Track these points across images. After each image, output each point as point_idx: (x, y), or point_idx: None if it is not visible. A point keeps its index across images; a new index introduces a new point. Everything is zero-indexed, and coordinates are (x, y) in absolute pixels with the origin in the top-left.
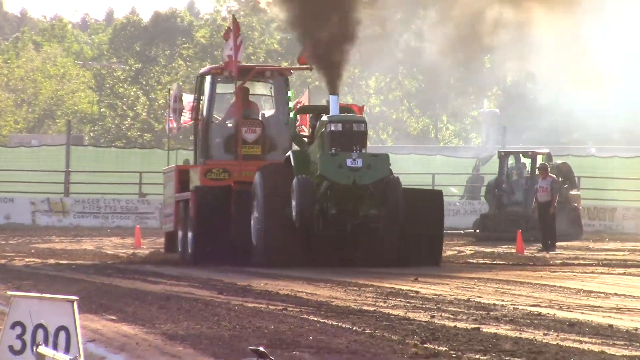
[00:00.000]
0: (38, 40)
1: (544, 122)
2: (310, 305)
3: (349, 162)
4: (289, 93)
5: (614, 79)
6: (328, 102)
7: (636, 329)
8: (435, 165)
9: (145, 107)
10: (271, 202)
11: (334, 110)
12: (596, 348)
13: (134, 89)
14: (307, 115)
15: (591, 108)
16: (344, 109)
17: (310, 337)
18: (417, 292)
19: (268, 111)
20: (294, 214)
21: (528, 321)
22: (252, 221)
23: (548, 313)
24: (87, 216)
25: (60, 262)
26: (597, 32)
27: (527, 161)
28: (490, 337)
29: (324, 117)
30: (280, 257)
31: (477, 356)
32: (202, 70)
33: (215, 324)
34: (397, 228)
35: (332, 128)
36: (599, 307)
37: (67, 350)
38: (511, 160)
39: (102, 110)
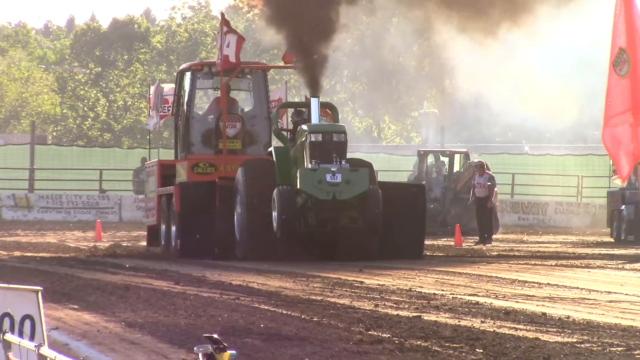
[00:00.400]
0: (3, 46)
1: (480, 122)
2: (261, 295)
3: (328, 177)
4: (268, 88)
5: (547, 85)
6: (307, 98)
7: (568, 317)
8: (379, 162)
9: (105, 108)
10: (253, 198)
11: (314, 116)
12: (530, 335)
13: (94, 92)
14: (287, 110)
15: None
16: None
17: (262, 325)
18: (361, 282)
19: (247, 106)
20: (274, 224)
21: (466, 309)
22: (235, 216)
23: (485, 302)
24: (51, 211)
25: (25, 254)
26: (528, 42)
27: (445, 160)
28: (431, 325)
29: (304, 126)
30: (262, 252)
31: (418, 342)
32: (182, 66)
33: (172, 313)
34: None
35: (312, 139)
36: (532, 296)
37: (32, 337)
38: (431, 159)
39: (64, 111)
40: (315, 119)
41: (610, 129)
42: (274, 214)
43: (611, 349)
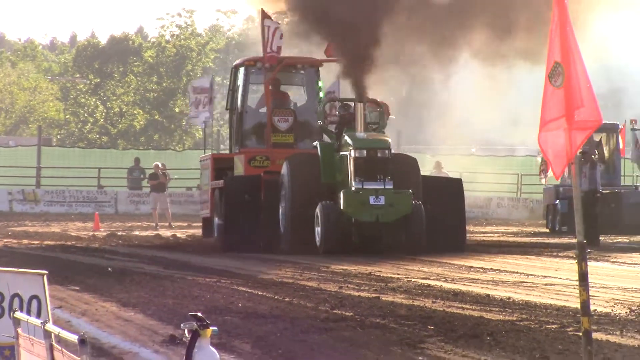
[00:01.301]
0: (13, 59)
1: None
2: (239, 278)
3: (372, 200)
4: (320, 83)
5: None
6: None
7: (509, 298)
8: None
9: (103, 114)
10: (298, 192)
11: (358, 124)
12: (476, 314)
13: (94, 100)
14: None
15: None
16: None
17: (240, 304)
18: (327, 267)
19: (300, 101)
20: (317, 238)
21: (419, 291)
22: (280, 210)
23: (436, 284)
24: (55, 204)
25: (33, 242)
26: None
27: None
28: (388, 305)
29: (348, 138)
30: (306, 246)
31: (377, 320)
32: (236, 62)
33: (161, 294)
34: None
35: (357, 154)
36: (478, 279)
37: (38, 315)
38: None
39: (67, 117)
40: (360, 127)
41: (545, 133)
42: (317, 229)
43: (547, 326)
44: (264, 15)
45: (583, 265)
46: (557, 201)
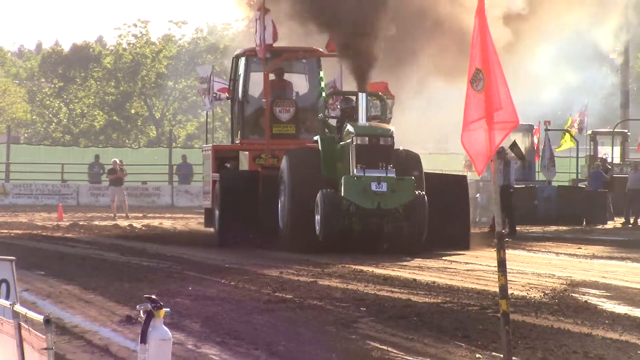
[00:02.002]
0: None
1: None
2: (190, 264)
3: (373, 186)
4: (321, 73)
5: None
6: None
7: (434, 282)
8: None
9: (66, 115)
10: (298, 188)
11: (361, 114)
12: (404, 297)
13: (58, 102)
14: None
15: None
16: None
17: (190, 288)
18: (269, 254)
19: (302, 90)
20: (317, 227)
21: (353, 276)
22: (279, 205)
23: (368, 270)
24: (23, 197)
25: (2, 231)
26: None
27: None
28: (325, 288)
29: (350, 127)
30: (306, 243)
31: (314, 302)
32: (237, 52)
33: (119, 278)
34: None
35: (358, 141)
36: (406, 265)
37: (7, 297)
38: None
39: (33, 117)
40: (362, 117)
41: (468, 133)
42: (317, 217)
43: (468, 308)
44: (261, 7)
45: (502, 253)
46: (478, 195)
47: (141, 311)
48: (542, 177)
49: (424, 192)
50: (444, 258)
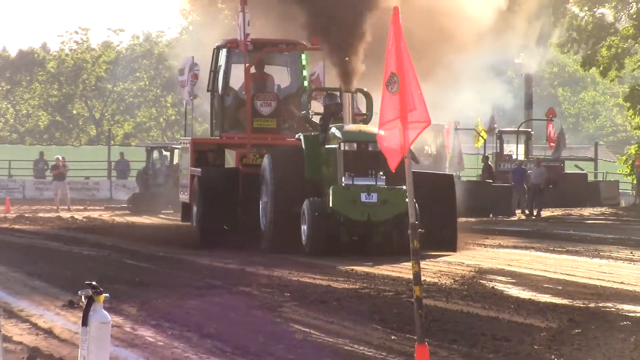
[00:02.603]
0: None
1: None
2: (127, 252)
3: (363, 197)
4: (304, 63)
5: None
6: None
7: (352, 270)
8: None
9: (13, 115)
10: (281, 190)
11: (346, 116)
12: (324, 283)
13: (5, 103)
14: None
15: None
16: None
17: (127, 275)
18: (202, 245)
19: (284, 82)
20: (303, 237)
21: (278, 264)
22: (260, 206)
23: (292, 257)
24: None
25: None
26: None
27: (167, 154)
28: (251, 275)
29: (336, 131)
30: (290, 244)
31: (242, 288)
32: (218, 43)
33: (62, 266)
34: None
35: (346, 147)
36: (325, 253)
37: None
38: (156, 153)
39: None
40: (348, 119)
41: (384, 132)
42: (303, 227)
43: (384, 293)
44: (243, 3)
45: (415, 243)
46: None
47: (82, 296)
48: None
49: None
50: (362, 247)
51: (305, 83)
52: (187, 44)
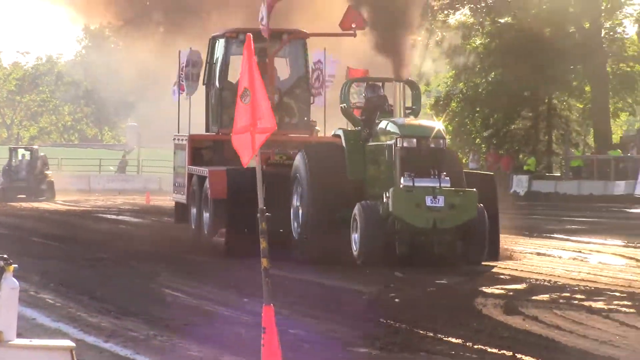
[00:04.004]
0: None
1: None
2: (35, 232)
3: (428, 200)
4: (307, 57)
5: None
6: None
7: (214, 248)
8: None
9: None
10: (320, 192)
11: (399, 110)
12: (193, 256)
13: None
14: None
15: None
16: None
17: (34, 250)
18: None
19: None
20: (354, 247)
21: (160, 239)
22: (291, 210)
23: (172, 235)
24: None
25: None
26: None
27: (27, 153)
28: (134, 249)
29: (391, 125)
30: (328, 252)
31: (126, 260)
32: (215, 33)
33: None
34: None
35: (404, 144)
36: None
37: None
38: (20, 152)
39: None
40: (400, 111)
41: (237, 136)
42: (354, 235)
43: (240, 264)
44: None
45: (263, 224)
46: None
47: None
48: None
49: (481, 205)
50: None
51: (308, 72)
52: (79, 65)
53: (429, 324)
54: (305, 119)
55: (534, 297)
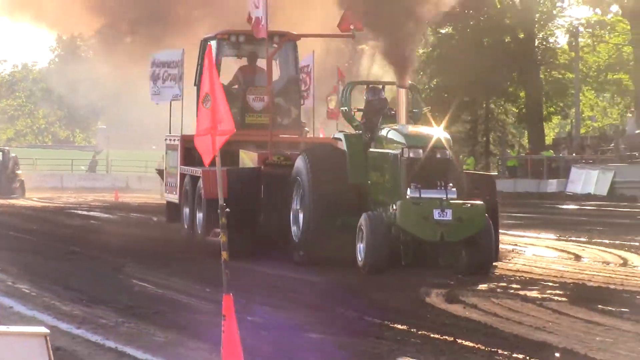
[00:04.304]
0: None
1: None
2: (9, 227)
3: (436, 214)
4: (297, 59)
5: None
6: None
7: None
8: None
9: None
10: (324, 196)
11: (401, 117)
12: (162, 249)
13: None
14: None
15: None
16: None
17: (10, 245)
18: (58, 220)
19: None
20: (359, 256)
21: (124, 231)
22: (291, 213)
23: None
24: None
25: None
26: None
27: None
28: (102, 242)
29: (395, 133)
30: (329, 255)
31: (96, 253)
32: (206, 35)
33: None
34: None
35: (410, 155)
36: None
37: None
38: None
39: None
40: (403, 118)
41: (199, 138)
42: (360, 245)
43: (200, 257)
44: None
45: (223, 219)
46: None
47: None
48: None
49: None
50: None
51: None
52: (53, 72)
53: (377, 312)
54: (296, 119)
55: (473, 287)
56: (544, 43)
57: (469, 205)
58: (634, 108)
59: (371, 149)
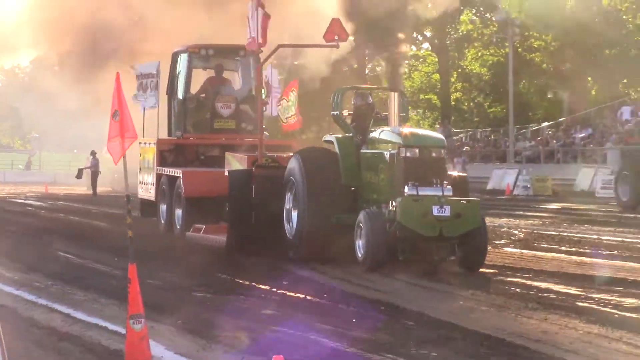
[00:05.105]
0: None
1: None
2: None
3: (435, 210)
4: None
5: None
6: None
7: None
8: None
9: None
10: (317, 195)
11: (393, 119)
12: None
13: None
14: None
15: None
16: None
17: None
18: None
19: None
20: (359, 253)
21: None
22: (284, 212)
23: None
24: None
25: None
26: None
27: None
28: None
29: (390, 134)
30: (323, 255)
31: (45, 237)
32: (177, 48)
33: None
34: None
35: (407, 154)
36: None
37: None
38: None
39: None
40: (395, 120)
41: (110, 143)
42: (359, 242)
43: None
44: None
45: (129, 207)
46: None
47: None
48: None
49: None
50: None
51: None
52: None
53: (246, 275)
54: (254, 123)
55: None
56: (372, 72)
57: (465, 201)
58: (440, 121)
59: (363, 150)
